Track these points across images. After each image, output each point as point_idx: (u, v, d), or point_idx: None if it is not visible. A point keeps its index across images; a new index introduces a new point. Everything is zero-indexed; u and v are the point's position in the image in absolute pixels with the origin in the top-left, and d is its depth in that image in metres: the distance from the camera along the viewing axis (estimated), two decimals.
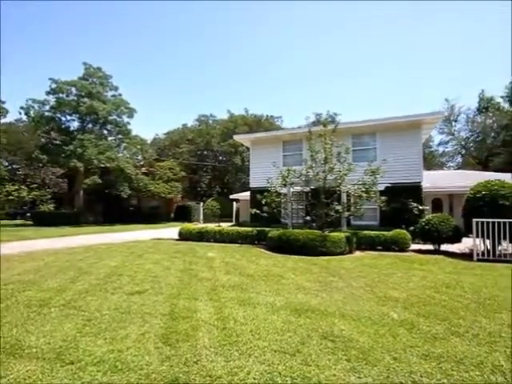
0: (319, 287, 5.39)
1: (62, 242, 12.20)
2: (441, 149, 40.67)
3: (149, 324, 3.68)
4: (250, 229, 11.46)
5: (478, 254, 8.44)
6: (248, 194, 16.25)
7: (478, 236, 8.54)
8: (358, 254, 9.32)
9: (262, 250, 9.78)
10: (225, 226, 13.72)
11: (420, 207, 12.19)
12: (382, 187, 12.15)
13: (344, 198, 10.47)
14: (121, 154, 26.51)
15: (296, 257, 8.51)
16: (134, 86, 65.41)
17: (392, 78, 61.33)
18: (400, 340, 3.28)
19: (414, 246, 10.27)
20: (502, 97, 34.51)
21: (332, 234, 9.29)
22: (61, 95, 25.46)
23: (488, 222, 8.40)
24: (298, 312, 4.10)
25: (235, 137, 16.62)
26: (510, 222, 8.21)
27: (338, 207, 9.74)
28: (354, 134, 13.42)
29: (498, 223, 8.31)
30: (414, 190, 12.49)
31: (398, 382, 2.50)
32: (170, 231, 16.38)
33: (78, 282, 5.65)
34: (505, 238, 8.40)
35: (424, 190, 13.31)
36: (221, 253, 9.22)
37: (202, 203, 23.78)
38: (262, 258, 8.32)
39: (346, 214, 10.16)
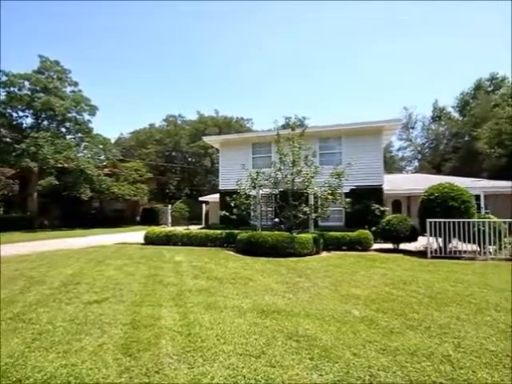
0: (286, 288, 5.47)
1: (11, 249, 11.16)
2: (400, 154, 43.57)
3: (107, 334, 3.48)
4: (219, 231, 11.35)
5: (431, 252, 9.11)
6: (218, 196, 16.11)
7: (431, 235, 9.22)
8: (324, 254, 9.61)
9: (231, 253, 9.73)
10: (194, 228, 13.45)
11: (381, 208, 12.89)
12: (346, 189, 12.67)
13: (311, 200, 10.77)
14: (81, 154, 24.91)
15: (265, 258, 8.57)
16: (96, 83, 62.05)
17: (358, 85, 64.49)
18: (360, 336, 3.42)
19: (376, 246, 10.83)
20: (452, 107, 37.86)
21: (300, 235, 9.49)
22: (12, 89, 23.38)
23: (440, 222, 9.10)
24: (264, 314, 4.12)
25: (204, 138, 16.41)
26: (458, 222, 8.97)
27: (306, 209, 10.00)
28: (321, 137, 13.88)
29: (449, 223, 9.04)
30: (375, 193, 13.18)
31: (356, 377, 2.60)
32: (136, 235, 15.71)
33: (28, 293, 5.19)
34: (454, 236, 9.16)
35: (385, 193, 14.11)
36: (188, 256, 9.01)
37: (170, 206, 23.04)
38: (231, 261, 8.27)
39: (314, 215, 10.46)
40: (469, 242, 9.06)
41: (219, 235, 11.20)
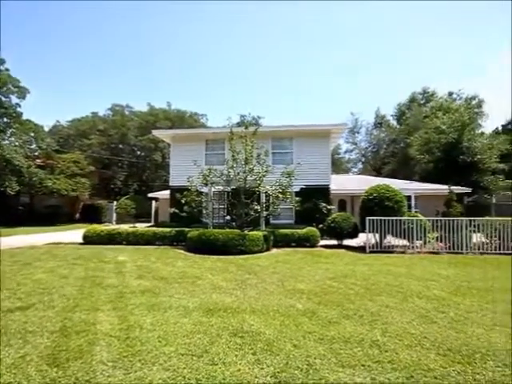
0: (235, 285, 5.49)
1: None
2: (347, 156, 46.76)
3: (31, 344, 3.11)
4: (168, 229, 10.92)
5: (369, 247, 9.96)
6: (168, 192, 15.48)
7: (370, 231, 10.09)
8: (274, 251, 9.87)
9: (181, 251, 9.44)
10: (142, 226, 12.73)
11: (328, 207, 13.69)
12: (297, 188, 13.19)
13: (263, 198, 10.97)
14: (7, 142, 21.75)
15: (215, 257, 8.50)
16: (29, 63, 54.85)
17: (310, 88, 67.34)
18: (301, 328, 3.59)
19: (322, 242, 11.46)
20: (391, 116, 41.82)
21: (251, 233, 9.61)
22: None
23: (377, 220, 10.00)
24: (210, 312, 4.08)
25: (154, 132, 15.59)
26: (392, 220, 9.96)
27: (257, 207, 10.16)
28: (273, 137, 14.21)
29: (385, 220, 9.99)
30: (323, 192, 13.96)
31: (295, 367, 2.72)
32: (73, 234, 14.28)
33: None
34: (389, 233, 10.16)
35: (332, 192, 15.02)
36: (133, 256, 8.50)
37: (115, 202, 21.43)
38: (180, 260, 8.02)
39: (265, 213, 10.68)
40: (400, 237, 10.13)
41: (168, 233, 10.78)
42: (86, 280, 5.79)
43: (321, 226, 11.91)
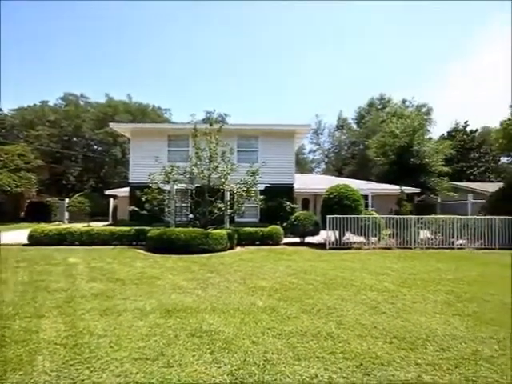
0: (196, 285, 5.39)
1: None
2: (311, 156, 48.30)
3: None
4: (127, 228, 10.37)
5: (329, 244, 10.40)
6: (128, 189, 14.68)
7: (330, 229, 10.53)
8: (238, 249, 9.88)
9: (140, 251, 9.04)
10: (98, 226, 11.93)
11: (292, 205, 14.00)
12: (261, 187, 13.30)
13: (227, 197, 10.91)
14: None
15: (177, 256, 8.27)
16: None
17: (279, 89, 68.24)
18: (261, 325, 3.63)
19: (286, 240, 11.71)
20: (352, 119, 44.01)
21: (214, 231, 9.51)
22: None
23: (337, 218, 10.47)
24: (169, 313, 3.95)
25: (112, 125, 14.60)
26: (350, 218, 10.49)
27: (221, 205, 10.07)
28: (239, 135, 14.16)
29: (344, 218, 10.49)
30: (287, 191, 14.25)
31: (252, 363, 2.74)
32: (17, 234, 12.96)
33: None
34: (347, 230, 10.69)
35: (296, 191, 15.39)
36: (87, 257, 7.95)
37: (67, 200, 19.80)
38: (139, 260, 7.68)
39: (229, 211, 10.63)
40: (358, 234, 10.72)
41: (127, 232, 10.25)
42: (29, 285, 5.29)
43: (284, 224, 12.16)
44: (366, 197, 17.61)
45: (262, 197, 11.62)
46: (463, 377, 2.60)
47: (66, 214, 20.59)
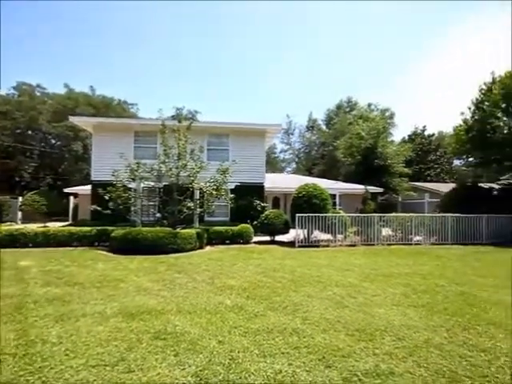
0: (162, 286, 5.24)
1: None
2: (281, 155, 49.06)
3: None
4: (88, 228, 9.79)
5: (298, 242, 10.63)
6: (90, 187, 13.83)
7: (299, 227, 10.76)
8: (208, 248, 9.76)
9: (103, 253, 8.59)
10: (56, 226, 11.12)
11: (262, 204, 14.10)
12: (232, 186, 13.24)
13: (197, 195, 10.71)
14: None
15: (143, 257, 7.97)
16: None
17: (250, 88, 68.27)
18: (228, 324, 3.61)
19: (256, 238, 11.78)
20: (322, 120, 45.36)
21: (183, 230, 9.30)
22: None
23: (306, 216, 10.73)
24: (131, 316, 3.79)
25: (72, 118, 13.60)
26: (318, 216, 10.80)
27: (190, 204, 9.86)
28: (210, 133, 13.97)
29: (312, 217, 10.77)
30: (258, 189, 14.33)
31: (218, 363, 2.72)
32: None
33: None
34: (316, 228, 11.01)
35: (266, 190, 15.53)
36: (42, 260, 7.39)
37: (20, 198, 18.23)
38: (101, 262, 7.28)
39: (198, 210, 10.45)
40: (326, 232, 11.08)
41: (89, 233, 9.67)
42: None
43: (255, 222, 12.23)
44: (334, 196, 18.29)
45: (232, 196, 11.56)
46: (416, 364, 2.79)
47: (19, 214, 18.96)
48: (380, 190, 19.91)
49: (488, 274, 6.59)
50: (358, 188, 18.56)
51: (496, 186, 15.17)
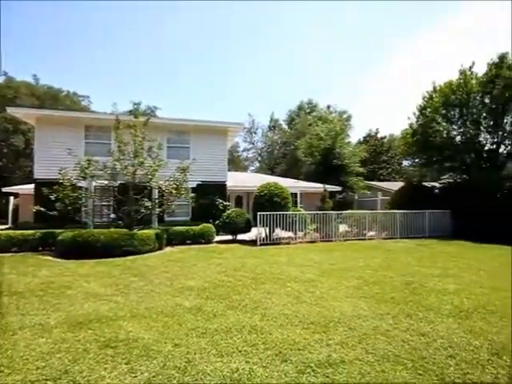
0: (115, 291, 4.94)
1: None
2: (245, 154, 49.22)
3: None
4: (31, 232, 8.86)
5: (260, 240, 10.74)
6: (33, 186, 12.50)
7: (261, 226, 10.87)
8: (167, 249, 9.42)
9: (48, 258, 7.85)
10: None
11: (225, 203, 14.01)
12: (193, 184, 12.96)
13: (155, 194, 10.28)
14: None
15: (95, 260, 7.44)
16: None
17: (213, 86, 67.22)
18: (185, 326, 3.52)
19: (218, 238, 11.67)
20: (283, 120, 46.35)
21: (141, 231, 8.88)
22: None
23: (267, 215, 10.88)
24: (79, 326, 3.52)
25: (10, 109, 12.02)
26: (280, 214, 11.02)
27: (148, 203, 9.43)
28: (170, 130, 13.49)
29: (274, 215, 10.95)
30: (220, 188, 14.20)
31: (173, 367, 2.63)
32: None
33: None
34: (277, 226, 11.21)
35: (229, 189, 15.45)
36: None
37: None
38: (45, 268, 6.65)
39: (157, 210, 10.03)
40: (287, 230, 11.34)
41: (31, 236, 8.76)
42: None
43: (217, 222, 12.11)
44: (295, 194, 18.80)
45: (193, 194, 11.30)
46: (364, 351, 2.97)
47: None
48: (338, 188, 20.92)
49: (430, 264, 7.28)
50: (317, 187, 19.30)
51: (437, 185, 16.79)
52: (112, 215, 10.14)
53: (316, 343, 3.11)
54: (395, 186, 22.07)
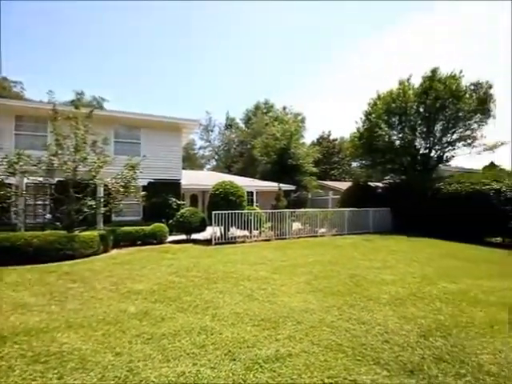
0: (49, 300, 4.45)
1: None
2: (201, 152, 48.23)
3: None
4: None
5: (215, 239, 10.60)
6: None
7: (216, 224, 10.74)
8: (114, 251, 8.80)
9: None
10: None
11: (178, 202, 13.55)
12: (144, 182, 12.30)
13: (101, 193, 9.50)
14: None
15: (28, 266, 6.63)
16: None
17: (170, 83, 64.49)
18: (129, 332, 3.31)
19: (172, 238, 11.23)
20: (240, 119, 46.43)
21: (83, 233, 8.14)
22: None
23: (222, 213, 10.78)
24: (2, 340, 3.10)
25: None
26: (235, 213, 11.00)
27: (92, 202, 8.66)
28: (119, 124, 12.57)
29: (229, 214, 10.89)
30: (174, 186, 13.69)
31: (112, 377, 2.45)
32: None
33: None
34: (233, 225, 11.17)
35: (184, 187, 14.98)
36: None
37: None
38: None
39: (103, 209, 9.28)
40: (242, 228, 11.36)
41: None
42: None
43: (170, 221, 11.68)
44: (251, 193, 18.99)
45: (144, 193, 10.70)
46: (311, 343, 3.10)
47: None
48: (293, 187, 21.61)
49: (372, 257, 7.89)
50: (273, 186, 19.71)
51: (381, 185, 18.31)
52: (48, 216, 9.11)
53: (265, 339, 3.16)
54: (345, 185, 23.54)
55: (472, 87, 14.79)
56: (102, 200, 9.28)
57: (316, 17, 47.93)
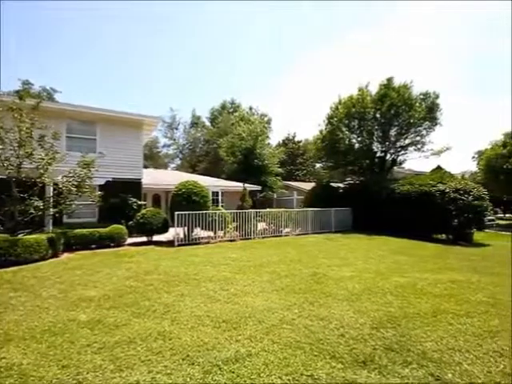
0: None
1: None
2: (165, 150, 46.62)
3: None
4: None
5: (178, 241, 10.29)
6: None
7: (179, 225, 10.42)
8: (65, 256, 8.13)
9: None
10: None
11: (139, 202, 12.94)
12: (102, 181, 11.56)
13: (50, 192, 8.71)
14: None
15: None
16: None
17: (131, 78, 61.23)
18: (78, 343, 3.07)
19: (131, 240, 10.69)
20: (206, 118, 45.73)
21: (28, 236, 7.40)
22: None
23: (185, 214, 10.50)
24: None
25: None
26: (199, 213, 10.78)
27: (39, 203, 7.89)
28: (72, 118, 11.67)
29: (193, 214, 10.64)
30: (134, 186, 13.04)
31: None
32: None
33: None
34: (196, 226, 10.93)
35: (145, 187, 14.33)
36: None
37: None
38: None
39: (52, 210, 8.51)
40: (207, 229, 11.17)
41: None
42: None
43: (130, 222, 11.11)
44: (216, 193, 18.79)
45: (100, 193, 10.03)
46: (271, 341, 3.12)
47: None
48: (258, 187, 21.79)
49: (333, 255, 8.22)
50: (238, 186, 19.67)
51: (342, 185, 19.19)
52: None
53: (226, 341, 3.12)
54: (309, 186, 24.28)
55: (421, 96, 16.14)
56: (52, 200, 8.52)
57: (279, 18, 48.91)
